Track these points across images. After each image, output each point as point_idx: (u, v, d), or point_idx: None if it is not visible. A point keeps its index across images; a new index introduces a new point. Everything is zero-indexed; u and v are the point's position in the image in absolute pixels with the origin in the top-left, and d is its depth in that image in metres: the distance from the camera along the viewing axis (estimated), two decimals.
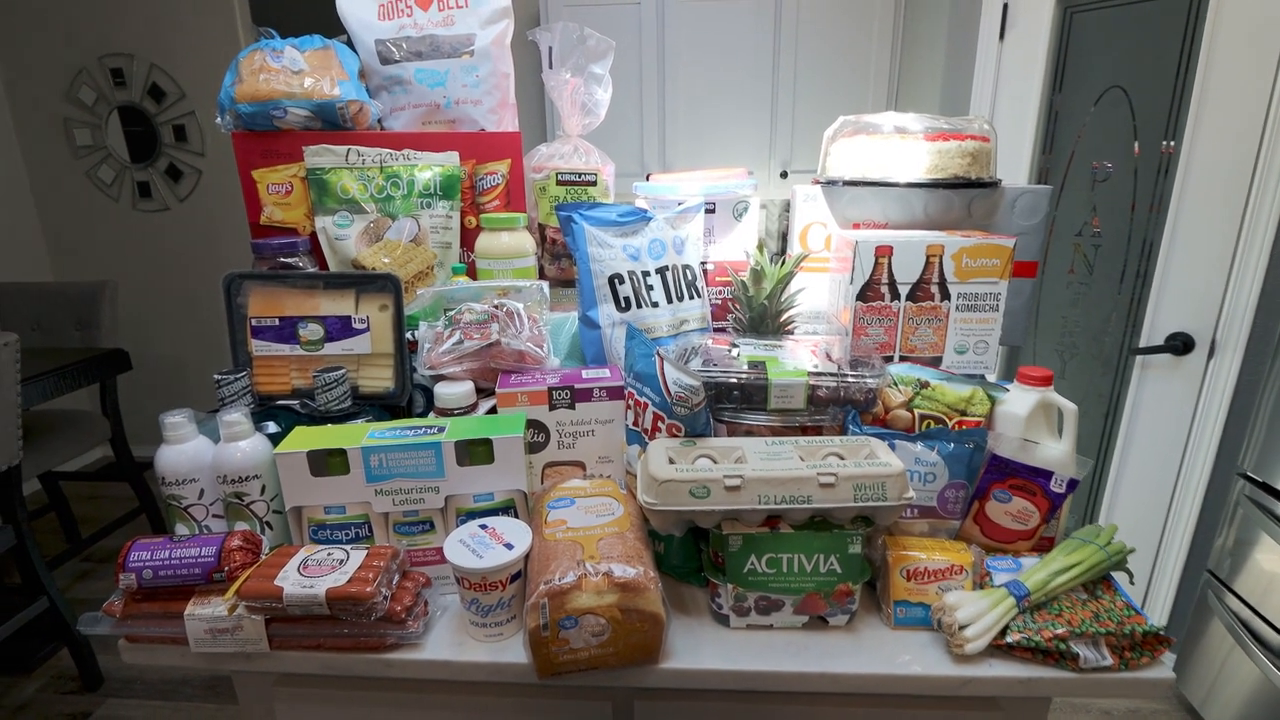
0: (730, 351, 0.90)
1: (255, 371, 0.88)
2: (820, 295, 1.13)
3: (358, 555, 0.72)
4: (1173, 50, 1.65)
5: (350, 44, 1.09)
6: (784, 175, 2.81)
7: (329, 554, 0.72)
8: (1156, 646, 0.68)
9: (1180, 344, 1.68)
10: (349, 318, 0.86)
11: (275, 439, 0.78)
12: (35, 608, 1.84)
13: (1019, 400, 0.81)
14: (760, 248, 1.04)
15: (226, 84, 0.97)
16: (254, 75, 0.96)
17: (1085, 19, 1.84)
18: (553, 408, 0.84)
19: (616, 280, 0.95)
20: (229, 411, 0.77)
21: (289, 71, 0.97)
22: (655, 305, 0.98)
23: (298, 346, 0.86)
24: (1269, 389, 1.49)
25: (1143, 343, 1.76)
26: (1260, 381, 1.55)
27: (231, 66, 0.99)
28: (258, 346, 0.87)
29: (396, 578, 0.72)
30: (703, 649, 0.71)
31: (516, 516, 0.78)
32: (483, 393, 0.91)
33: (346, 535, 0.77)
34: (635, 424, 0.82)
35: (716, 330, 1.10)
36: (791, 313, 1.02)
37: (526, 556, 0.71)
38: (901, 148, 1.02)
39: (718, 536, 0.71)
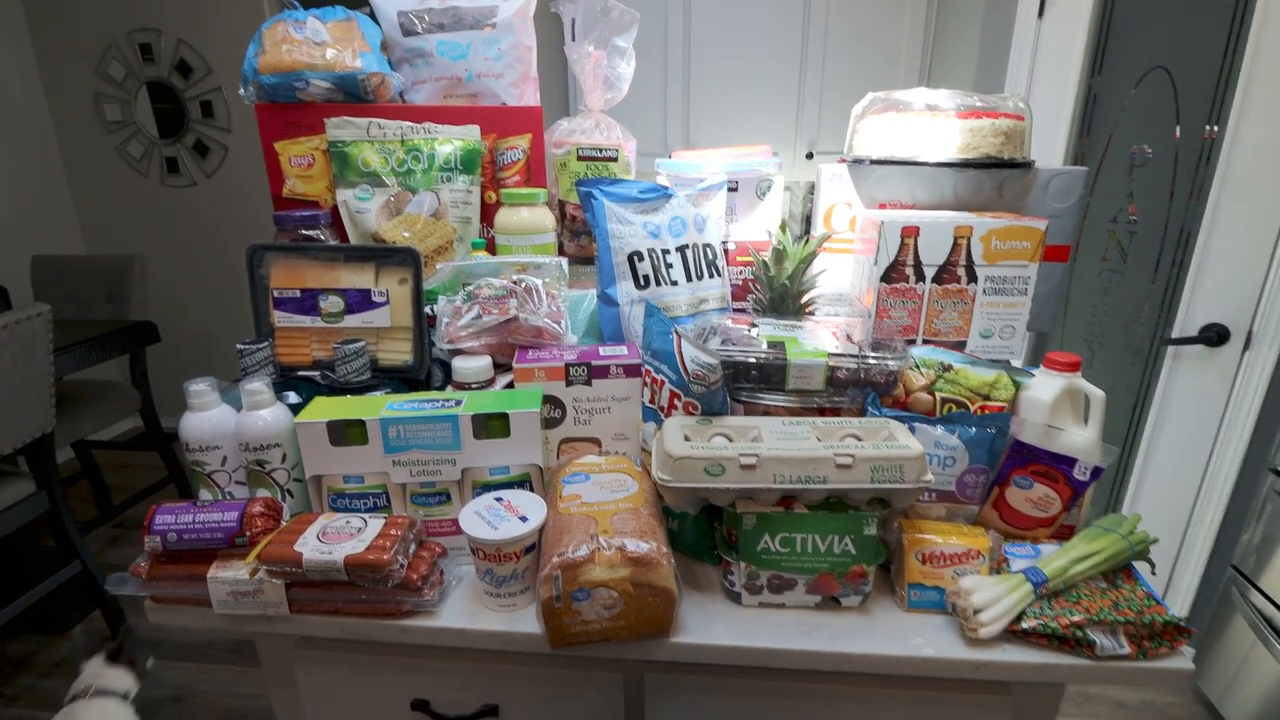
0: (749, 331, 0.89)
1: (277, 342, 0.89)
2: (843, 277, 1.11)
3: (375, 524, 0.73)
4: (1220, 31, 1.59)
5: (373, 16, 1.08)
6: (810, 156, 2.76)
7: (347, 522, 0.73)
8: (1176, 637, 0.67)
9: (1215, 335, 1.64)
10: (369, 291, 0.87)
11: (296, 409, 0.79)
12: (68, 570, 1.91)
13: (1045, 386, 0.79)
14: (783, 227, 1.03)
15: (250, 55, 0.97)
16: (277, 46, 0.96)
17: None
18: (569, 384, 0.84)
19: (636, 258, 0.94)
20: (251, 380, 0.78)
21: (311, 43, 0.97)
22: (674, 284, 0.97)
23: (318, 318, 0.87)
24: None
25: (1176, 333, 1.71)
26: None
27: (255, 37, 0.99)
28: (279, 318, 0.88)
29: (413, 547, 0.73)
30: (714, 625, 0.71)
31: (532, 490, 0.79)
32: (500, 368, 0.91)
33: (365, 504, 0.79)
34: (652, 401, 0.82)
35: (736, 310, 1.09)
36: (813, 294, 1.01)
37: (541, 529, 0.72)
38: (932, 125, 0.99)
39: (732, 515, 0.71)
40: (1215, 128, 1.62)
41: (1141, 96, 1.77)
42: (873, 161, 1.02)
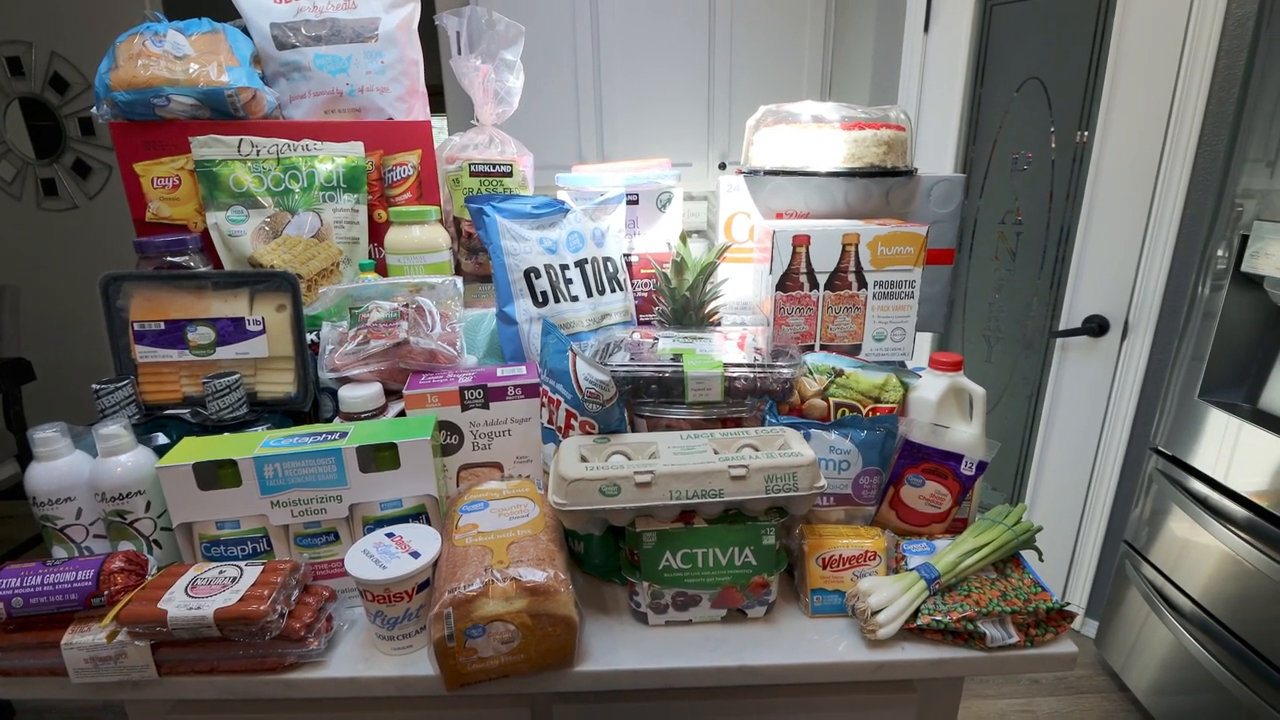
0: (652, 345, 0.89)
1: (141, 380, 0.82)
2: (747, 286, 1.12)
3: (252, 572, 0.67)
4: (1085, 43, 1.71)
5: (245, 29, 1.02)
6: (722, 167, 2.81)
7: (221, 572, 0.68)
8: (1060, 622, 0.70)
9: (1096, 326, 1.76)
10: (243, 319, 0.81)
11: (164, 451, 0.73)
12: None
13: (930, 386, 0.82)
14: (683, 238, 1.03)
15: (102, 70, 0.89)
16: (131, 61, 0.89)
17: (1005, 11, 1.89)
18: (465, 408, 0.81)
19: (532, 274, 0.92)
20: (106, 424, 0.71)
21: (171, 57, 0.90)
22: (574, 299, 0.96)
23: (187, 351, 0.81)
24: (1177, 367, 1.57)
25: (1062, 325, 1.83)
26: (1169, 360, 1.63)
27: (109, 51, 0.91)
28: (142, 352, 0.81)
29: (296, 593, 0.68)
30: (620, 649, 0.69)
31: (428, 523, 0.75)
32: (395, 394, 0.87)
33: (243, 551, 0.73)
34: (550, 422, 0.80)
35: (642, 324, 1.08)
36: (716, 303, 1.01)
37: (435, 564, 0.68)
38: (819, 137, 1.02)
39: (632, 534, 0.70)
40: (1085, 133, 1.74)
41: (1020, 105, 1.89)
42: (766, 172, 1.04)
